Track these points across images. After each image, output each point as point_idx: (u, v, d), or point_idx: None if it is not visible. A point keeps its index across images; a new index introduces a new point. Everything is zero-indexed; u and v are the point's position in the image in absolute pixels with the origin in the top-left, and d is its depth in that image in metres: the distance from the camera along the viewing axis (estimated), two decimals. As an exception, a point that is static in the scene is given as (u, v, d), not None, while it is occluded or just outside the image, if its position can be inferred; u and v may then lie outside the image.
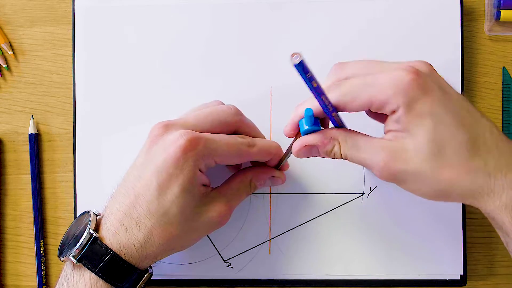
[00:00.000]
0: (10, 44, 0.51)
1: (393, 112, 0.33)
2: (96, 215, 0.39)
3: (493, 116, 0.49)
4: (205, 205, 0.39)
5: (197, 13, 0.49)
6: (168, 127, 0.39)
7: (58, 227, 0.51)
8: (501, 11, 0.48)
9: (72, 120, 0.50)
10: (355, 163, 0.35)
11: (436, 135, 0.31)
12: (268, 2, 0.49)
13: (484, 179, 0.31)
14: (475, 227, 0.49)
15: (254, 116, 0.49)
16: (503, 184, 0.31)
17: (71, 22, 0.50)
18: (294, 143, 0.37)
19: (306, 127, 0.36)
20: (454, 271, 0.47)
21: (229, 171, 0.45)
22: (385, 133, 0.34)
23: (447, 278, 0.47)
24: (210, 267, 0.48)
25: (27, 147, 0.50)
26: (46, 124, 0.51)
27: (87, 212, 0.40)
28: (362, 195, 0.48)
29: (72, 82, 0.50)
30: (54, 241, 0.51)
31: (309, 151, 0.36)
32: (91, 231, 0.37)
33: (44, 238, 0.50)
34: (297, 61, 0.29)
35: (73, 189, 0.49)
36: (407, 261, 0.47)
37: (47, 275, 0.50)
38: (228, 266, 0.48)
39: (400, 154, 0.33)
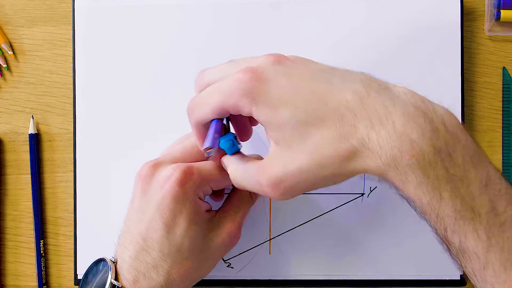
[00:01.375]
0: (10, 44, 0.51)
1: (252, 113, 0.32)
2: (113, 262, 0.39)
3: (493, 116, 0.50)
4: (213, 230, 0.39)
5: (197, 13, 0.49)
6: (157, 165, 0.39)
7: (58, 227, 0.51)
8: (501, 11, 0.48)
9: (72, 120, 0.50)
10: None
11: (297, 121, 0.30)
12: (268, 2, 0.49)
13: (358, 142, 0.29)
14: (475, 227, 0.49)
15: (254, 116, 0.49)
16: (378, 142, 0.29)
17: (71, 22, 0.50)
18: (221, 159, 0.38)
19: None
20: (454, 271, 0.47)
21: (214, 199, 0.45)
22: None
23: (447, 278, 0.47)
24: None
25: (27, 147, 0.50)
26: (46, 124, 0.51)
27: (102, 260, 0.39)
28: (362, 195, 0.48)
29: (72, 82, 0.50)
30: (54, 241, 0.51)
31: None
32: (113, 281, 0.37)
33: (44, 238, 0.50)
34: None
35: (73, 189, 0.49)
36: (407, 261, 0.47)
37: (47, 275, 0.50)
38: (228, 266, 0.48)
39: (281, 158, 0.31)
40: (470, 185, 0.29)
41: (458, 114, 0.48)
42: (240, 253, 0.48)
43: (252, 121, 0.40)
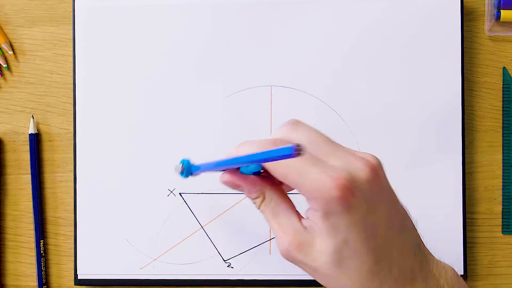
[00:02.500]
0: (10, 44, 0.51)
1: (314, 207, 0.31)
2: None
3: (493, 116, 0.50)
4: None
5: (197, 13, 0.49)
6: None
7: (58, 227, 0.51)
8: (501, 11, 0.48)
9: (72, 120, 0.50)
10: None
11: (340, 251, 0.30)
12: (268, 2, 0.49)
13: None
14: (475, 227, 0.49)
15: (254, 116, 0.49)
16: None
17: (71, 22, 0.50)
18: (225, 173, 0.35)
19: (247, 170, 0.34)
20: (454, 271, 0.47)
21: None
22: (306, 213, 0.33)
23: (447, 278, 0.47)
24: (210, 267, 0.48)
25: (27, 147, 0.50)
26: (46, 124, 0.51)
27: None
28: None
29: (72, 82, 0.50)
30: (54, 241, 0.51)
31: (236, 186, 0.35)
32: None
33: (44, 238, 0.50)
34: (298, 154, 0.28)
35: (73, 189, 0.49)
36: (407, 261, 0.47)
37: (47, 275, 0.50)
38: (228, 266, 0.48)
39: (305, 247, 0.31)
40: None
41: (458, 114, 0.48)
42: (240, 253, 0.48)
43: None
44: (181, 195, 0.49)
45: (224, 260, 0.48)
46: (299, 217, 0.32)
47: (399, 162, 0.48)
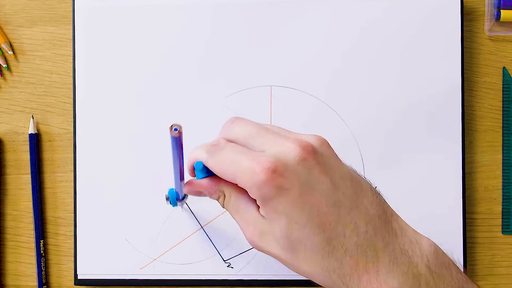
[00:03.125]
0: (10, 44, 0.51)
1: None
2: None
3: (493, 116, 0.50)
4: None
5: (197, 13, 0.49)
6: None
7: (58, 227, 0.51)
8: (501, 11, 0.48)
9: (72, 120, 0.50)
10: None
11: (289, 234, 0.31)
12: (268, 2, 0.49)
13: (339, 279, 0.31)
14: (475, 227, 0.49)
15: (254, 116, 0.49)
16: (358, 286, 0.30)
17: (71, 22, 0.50)
18: (185, 185, 0.36)
19: (200, 176, 0.36)
20: (454, 271, 0.47)
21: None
22: None
23: (447, 278, 0.47)
24: (210, 267, 0.48)
25: (27, 147, 0.50)
26: (46, 124, 0.51)
27: None
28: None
29: (72, 82, 0.50)
30: (54, 241, 0.51)
31: (198, 193, 0.36)
32: None
33: (44, 238, 0.50)
34: (176, 134, 0.30)
35: (73, 189, 0.49)
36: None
37: (47, 275, 0.50)
38: (228, 266, 0.48)
39: (264, 235, 0.32)
40: None
41: (458, 114, 0.48)
42: (240, 253, 0.48)
43: None
44: (181, 195, 0.49)
45: (224, 260, 0.48)
46: (258, 207, 0.33)
47: (399, 162, 0.48)
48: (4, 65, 0.51)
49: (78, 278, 0.49)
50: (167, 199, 0.39)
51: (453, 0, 0.48)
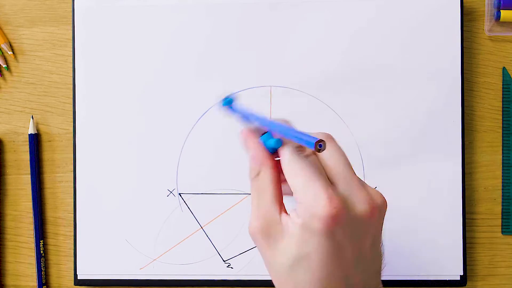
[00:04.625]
0: (10, 44, 0.51)
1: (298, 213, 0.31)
2: None
3: (493, 116, 0.49)
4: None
5: (197, 14, 0.49)
6: None
7: (58, 227, 0.51)
8: (501, 11, 0.48)
9: (72, 120, 0.50)
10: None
11: (301, 262, 0.30)
12: (268, 2, 0.49)
13: None
14: (475, 227, 0.49)
15: (254, 116, 0.49)
16: None
17: (71, 22, 0.50)
18: (247, 130, 0.36)
19: (268, 143, 0.34)
20: (454, 271, 0.47)
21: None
22: (290, 211, 0.33)
23: (447, 278, 0.47)
24: (210, 267, 0.48)
25: (27, 147, 0.50)
26: (46, 124, 0.51)
27: None
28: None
29: (72, 82, 0.50)
30: (54, 241, 0.51)
31: (246, 146, 0.35)
32: None
33: (44, 238, 0.50)
34: (321, 150, 0.29)
35: (73, 189, 0.49)
36: (407, 261, 0.47)
37: (47, 275, 0.50)
38: (228, 266, 0.48)
39: (273, 240, 0.31)
40: None
41: (458, 114, 0.48)
42: (240, 253, 0.48)
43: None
44: (180, 195, 0.49)
45: (224, 260, 0.48)
46: (281, 210, 0.32)
47: (399, 162, 0.48)
48: (4, 65, 0.51)
49: (78, 278, 0.49)
50: (225, 100, 0.37)
51: (453, 0, 0.48)
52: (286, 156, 0.32)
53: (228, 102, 0.38)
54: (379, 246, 0.32)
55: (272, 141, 0.33)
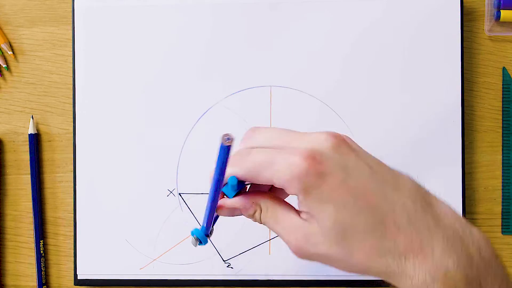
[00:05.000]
0: (10, 44, 0.51)
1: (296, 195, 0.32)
2: None
3: (493, 116, 0.49)
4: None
5: (197, 14, 0.49)
6: None
7: (58, 227, 0.51)
8: (501, 11, 0.48)
9: (72, 120, 0.50)
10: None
11: (339, 220, 0.30)
12: (268, 2, 0.49)
13: (394, 261, 0.30)
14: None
15: (254, 116, 0.49)
16: (414, 266, 0.29)
17: (71, 22, 0.50)
18: (218, 208, 0.35)
19: (232, 193, 0.35)
20: (454, 271, 0.47)
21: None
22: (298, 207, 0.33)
23: (447, 278, 0.47)
24: (210, 267, 0.48)
25: (27, 147, 0.50)
26: (46, 124, 0.51)
27: None
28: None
29: (72, 82, 0.50)
30: (54, 241, 0.51)
31: (232, 212, 0.35)
32: None
33: (44, 238, 0.50)
34: (228, 143, 0.29)
35: (73, 189, 0.49)
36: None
37: (47, 275, 0.50)
38: (228, 266, 0.48)
39: (311, 237, 0.31)
40: None
41: (458, 114, 0.48)
42: (240, 253, 0.48)
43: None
44: (180, 195, 0.49)
45: (224, 260, 0.48)
46: (298, 213, 0.32)
47: (398, 162, 0.48)
48: (4, 65, 0.51)
49: (78, 278, 0.49)
50: (196, 239, 0.37)
51: (453, 0, 0.48)
52: (240, 172, 0.32)
53: (203, 237, 0.37)
54: (384, 164, 0.32)
55: (229, 188, 0.34)
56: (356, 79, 0.49)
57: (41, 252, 0.50)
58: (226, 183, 0.34)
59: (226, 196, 0.34)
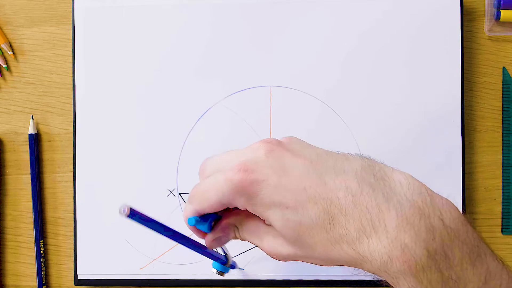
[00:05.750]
0: (10, 44, 0.51)
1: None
2: None
3: (493, 116, 0.49)
4: None
5: (197, 14, 0.49)
6: None
7: (58, 227, 0.51)
8: (501, 11, 0.48)
9: (72, 120, 0.50)
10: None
11: (287, 220, 0.30)
12: (268, 2, 0.49)
13: (350, 247, 0.29)
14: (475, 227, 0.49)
15: (254, 116, 0.49)
16: (369, 248, 0.28)
17: (71, 22, 0.50)
18: (205, 246, 0.37)
19: (205, 228, 0.36)
20: (454, 271, 0.47)
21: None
22: None
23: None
24: (210, 267, 0.48)
25: (27, 147, 0.50)
26: (46, 124, 0.51)
27: None
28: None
29: (72, 82, 0.50)
30: (54, 241, 0.51)
31: (219, 241, 0.36)
32: None
33: (44, 238, 0.50)
34: (127, 213, 0.30)
35: (73, 189, 0.49)
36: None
37: (47, 275, 0.50)
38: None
39: (276, 240, 0.32)
40: (468, 285, 0.28)
41: (458, 114, 0.48)
42: (240, 253, 0.48)
43: None
44: (180, 195, 0.49)
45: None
46: (263, 224, 0.33)
47: (398, 162, 0.48)
48: (4, 65, 0.51)
49: (78, 278, 0.49)
50: (218, 273, 0.39)
51: (453, 0, 0.48)
52: (196, 208, 0.34)
53: (222, 266, 0.39)
54: (325, 154, 0.32)
55: (200, 225, 0.35)
56: (356, 79, 0.49)
57: (41, 252, 0.50)
58: (195, 222, 0.35)
59: (205, 232, 0.36)
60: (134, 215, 0.30)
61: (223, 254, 0.39)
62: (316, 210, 0.29)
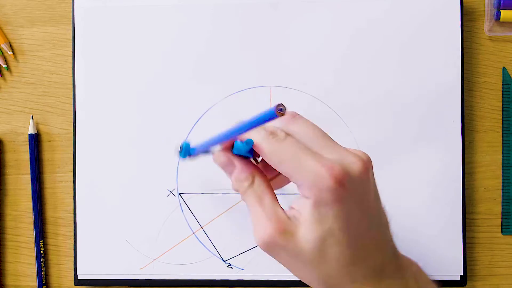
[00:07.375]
0: (10, 44, 0.51)
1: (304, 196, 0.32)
2: None
3: (493, 116, 0.49)
4: None
5: (197, 13, 0.49)
6: None
7: (58, 227, 0.51)
8: (501, 11, 0.48)
9: (72, 120, 0.50)
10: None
11: (326, 239, 0.31)
12: (269, 2, 0.49)
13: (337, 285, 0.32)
14: (475, 227, 0.49)
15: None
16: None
17: (71, 22, 0.50)
18: (221, 151, 0.35)
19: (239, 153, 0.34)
20: (454, 271, 0.47)
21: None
22: (292, 204, 0.33)
23: (447, 278, 0.47)
24: (210, 267, 0.48)
25: (27, 147, 0.50)
26: (46, 124, 0.51)
27: None
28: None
29: (72, 82, 0.50)
30: (54, 241, 0.51)
31: (226, 165, 0.35)
32: None
33: (44, 238, 0.50)
34: (279, 114, 0.28)
35: (73, 189, 0.49)
36: (407, 261, 0.47)
37: (47, 275, 0.50)
38: (228, 266, 0.48)
39: (289, 235, 0.32)
40: None
41: (458, 114, 0.48)
42: (240, 253, 0.48)
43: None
44: (180, 195, 0.49)
45: (224, 261, 0.48)
46: (280, 208, 0.33)
47: (398, 162, 0.48)
48: (4, 65, 0.51)
49: (78, 278, 0.49)
50: (181, 149, 0.38)
51: (453, 0, 0.48)
52: (265, 148, 0.32)
53: (187, 151, 0.38)
54: (380, 201, 0.33)
55: (244, 145, 0.33)
56: (356, 79, 0.49)
57: (41, 252, 0.50)
58: (242, 141, 0.33)
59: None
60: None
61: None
62: (350, 252, 0.31)
